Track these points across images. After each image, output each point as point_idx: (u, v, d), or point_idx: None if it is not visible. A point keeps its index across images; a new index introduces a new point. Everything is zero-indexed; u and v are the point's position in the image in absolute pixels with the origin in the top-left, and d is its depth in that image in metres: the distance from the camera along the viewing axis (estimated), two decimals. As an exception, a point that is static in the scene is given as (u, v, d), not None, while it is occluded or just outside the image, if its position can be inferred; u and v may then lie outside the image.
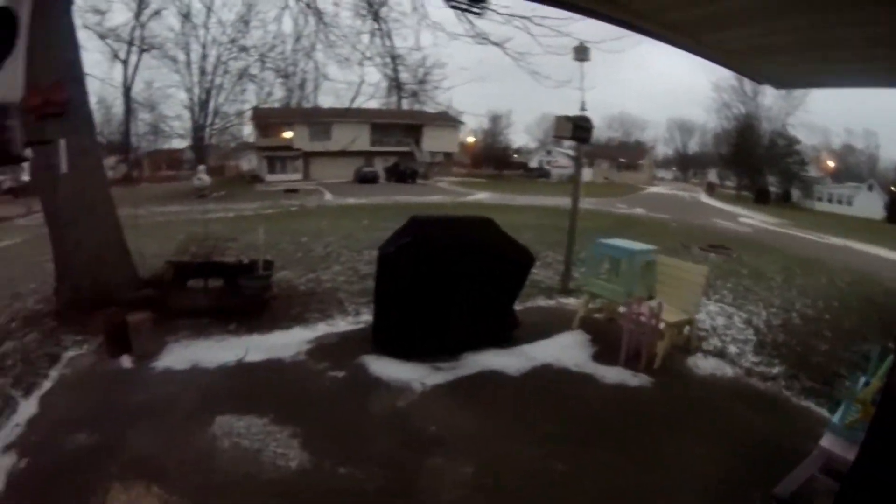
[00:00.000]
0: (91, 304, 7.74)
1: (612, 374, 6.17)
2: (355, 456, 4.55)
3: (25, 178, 49.04)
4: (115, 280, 8.35)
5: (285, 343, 7.01)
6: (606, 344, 6.91)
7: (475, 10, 2.86)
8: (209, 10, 24.21)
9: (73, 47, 8.22)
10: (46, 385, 6.01)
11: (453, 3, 2.78)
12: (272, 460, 4.48)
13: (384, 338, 6.83)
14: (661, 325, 6.47)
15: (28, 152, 2.51)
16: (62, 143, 7.67)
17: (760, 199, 57.80)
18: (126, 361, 6.45)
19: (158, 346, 6.76)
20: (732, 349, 7.25)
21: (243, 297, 7.99)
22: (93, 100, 9.08)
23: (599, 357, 6.65)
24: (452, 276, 6.47)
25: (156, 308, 7.07)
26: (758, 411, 5.58)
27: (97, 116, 10.94)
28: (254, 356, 6.59)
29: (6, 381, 6.03)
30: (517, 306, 7.61)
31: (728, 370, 6.56)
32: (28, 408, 5.49)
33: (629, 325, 6.50)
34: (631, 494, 4.14)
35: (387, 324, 6.85)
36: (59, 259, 8.52)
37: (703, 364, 6.64)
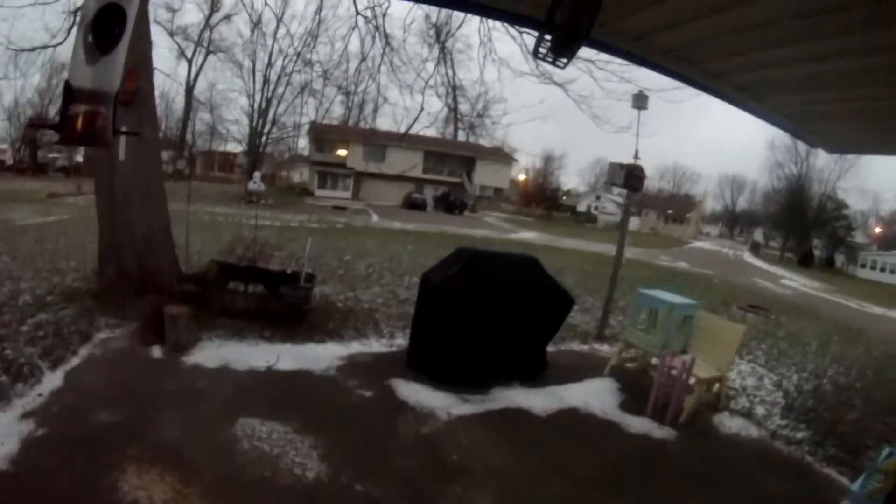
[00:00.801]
0: (132, 289, 7.94)
1: (638, 424, 6.09)
2: (374, 474, 4.55)
3: (79, 158, 51.21)
4: (158, 269, 8.59)
5: (318, 356, 7.07)
6: (635, 394, 6.83)
7: (559, 65, 2.92)
8: (279, 20, 24.87)
9: (145, 40, 8.63)
10: (74, 361, 6.17)
11: (540, 57, 2.84)
12: (290, 467, 4.49)
13: (418, 362, 6.87)
14: (692, 381, 6.40)
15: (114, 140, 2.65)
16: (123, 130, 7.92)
17: (804, 261, 56.75)
18: (157, 351, 6.58)
19: (192, 341, 6.86)
20: (760, 410, 7.09)
21: (283, 306, 8.10)
22: (156, 94, 9.40)
23: (627, 406, 6.57)
24: (494, 310, 6.48)
25: (195, 303, 7.19)
26: (779, 475, 5.43)
27: (158, 110, 11.29)
28: (285, 364, 6.66)
29: (35, 351, 6.19)
30: (551, 348, 7.61)
31: (753, 431, 6.42)
32: (53, 380, 5.64)
33: (660, 378, 6.44)
34: None
35: (422, 349, 6.90)
36: (105, 240, 8.79)
37: (730, 423, 6.51)
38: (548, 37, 2.85)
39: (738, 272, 31.34)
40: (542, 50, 3.07)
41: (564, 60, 3.14)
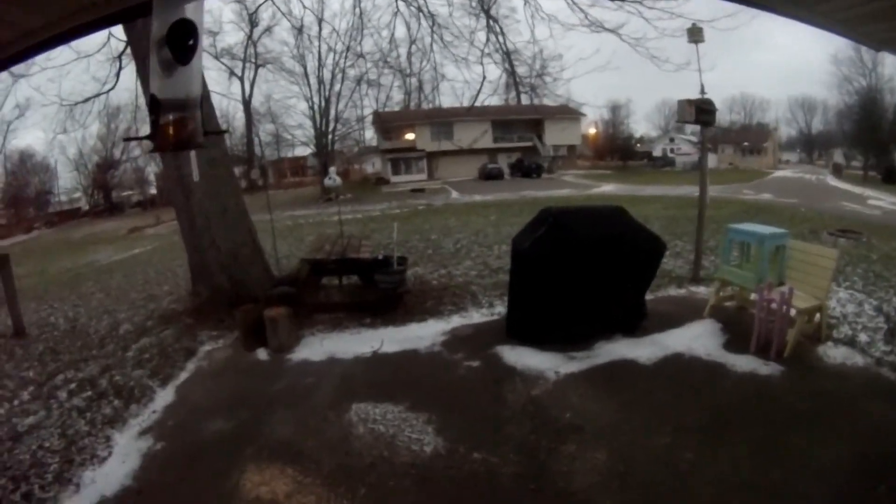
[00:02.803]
0: (227, 302, 8.33)
1: (743, 363, 5.90)
2: (489, 442, 4.63)
3: (152, 191, 53.82)
4: (250, 278, 8.97)
5: (420, 335, 7.23)
6: (737, 332, 6.61)
7: None
8: (320, 21, 25.10)
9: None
10: (183, 376, 6.58)
11: None
12: (407, 445, 4.62)
13: (519, 327, 6.90)
14: (792, 312, 6.16)
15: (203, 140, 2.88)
16: (192, 154, 8.33)
17: (889, 178, 52.51)
18: (262, 354, 6.89)
19: (295, 339, 7.16)
20: (863, 337, 6.68)
21: (378, 292, 8.30)
22: (217, 114, 9.77)
23: (730, 345, 6.37)
24: (586, 265, 6.42)
25: (292, 304, 7.47)
26: (889, 403, 5.16)
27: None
28: (389, 347, 6.85)
29: (143, 373, 6.67)
30: (649, 296, 7.51)
31: (859, 359, 6.06)
32: (165, 396, 6.03)
33: (760, 312, 6.24)
34: (757, 486, 3.95)
35: (521, 313, 6.91)
36: (194, 261, 9.29)
37: (833, 353, 6.18)
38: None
39: (824, 197, 29.75)
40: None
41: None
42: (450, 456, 4.47)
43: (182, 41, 2.34)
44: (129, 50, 11.65)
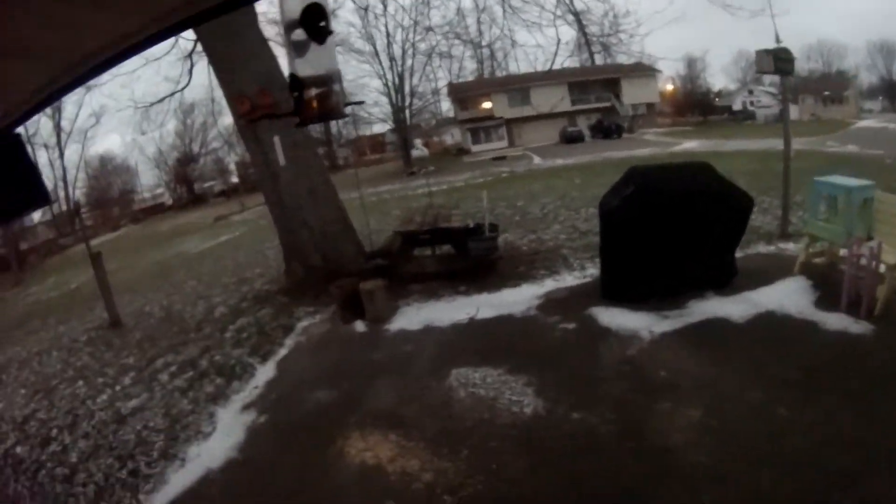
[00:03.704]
0: (322, 278, 8.60)
1: (834, 321, 5.69)
2: (587, 401, 4.68)
3: (234, 180, 55.47)
4: (342, 254, 9.25)
5: (515, 300, 7.30)
6: (828, 289, 6.37)
7: None
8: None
9: (268, 58, 9.35)
10: (282, 352, 6.89)
11: None
12: (507, 407, 4.72)
13: (612, 288, 6.89)
14: (882, 268, 5.89)
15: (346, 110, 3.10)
16: (276, 139, 8.72)
17: None
18: (360, 326, 7.12)
19: (391, 310, 7.38)
20: None
21: (471, 260, 8.43)
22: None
23: (821, 303, 6.16)
24: (676, 222, 6.36)
25: (386, 276, 7.73)
26: None
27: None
28: (485, 313, 6.96)
29: (243, 352, 7.02)
30: (739, 253, 7.35)
31: None
32: (266, 372, 6.35)
33: (850, 269, 5.99)
34: (850, 441, 3.85)
35: (614, 274, 6.90)
36: (287, 241, 9.64)
37: None
38: None
39: None
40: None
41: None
42: (549, 416, 4.55)
43: (315, 22, 2.51)
44: (198, 47, 12.09)
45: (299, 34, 2.56)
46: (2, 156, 3.41)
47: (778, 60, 8.62)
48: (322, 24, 2.51)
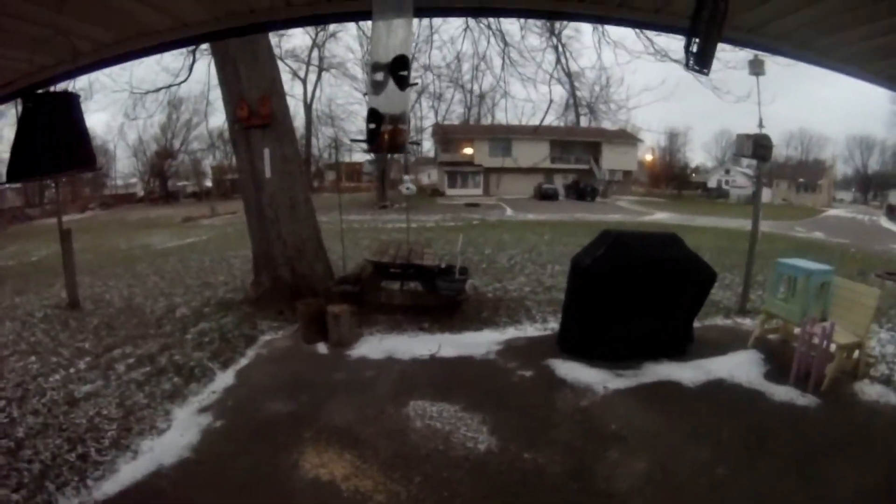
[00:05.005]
0: (289, 294, 8.75)
1: (782, 393, 6.11)
2: (539, 443, 4.93)
3: (207, 183, 55.23)
4: (312, 273, 9.44)
5: (476, 342, 7.58)
6: (779, 363, 6.83)
7: (705, 72, 3.06)
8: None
9: (272, 67, 9.63)
10: (243, 361, 7.00)
11: (691, 67, 3.01)
12: (462, 442, 4.91)
13: (571, 342, 7.21)
14: (833, 347, 6.34)
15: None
16: (266, 151, 8.92)
17: None
18: (322, 348, 7.28)
19: (355, 336, 7.55)
20: None
21: (439, 298, 8.70)
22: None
23: (771, 375, 6.59)
24: (641, 287, 6.74)
25: (352, 302, 7.87)
26: None
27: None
28: (446, 352, 7.20)
29: (203, 355, 7.11)
30: (697, 323, 7.75)
31: (893, 398, 6.21)
32: (225, 379, 6.46)
33: (802, 346, 6.45)
34: (790, 502, 4.18)
35: (575, 329, 7.22)
36: (259, 251, 9.75)
37: (869, 390, 6.30)
38: (694, 43, 3.08)
39: (875, 239, 29.01)
40: (690, 61, 3.27)
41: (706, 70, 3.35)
42: (502, 453, 4.76)
43: (398, 70, 2.88)
44: (204, 45, 12.26)
45: (380, 76, 2.94)
46: (59, 112, 3.57)
47: (757, 146, 9.14)
48: (404, 73, 2.88)
